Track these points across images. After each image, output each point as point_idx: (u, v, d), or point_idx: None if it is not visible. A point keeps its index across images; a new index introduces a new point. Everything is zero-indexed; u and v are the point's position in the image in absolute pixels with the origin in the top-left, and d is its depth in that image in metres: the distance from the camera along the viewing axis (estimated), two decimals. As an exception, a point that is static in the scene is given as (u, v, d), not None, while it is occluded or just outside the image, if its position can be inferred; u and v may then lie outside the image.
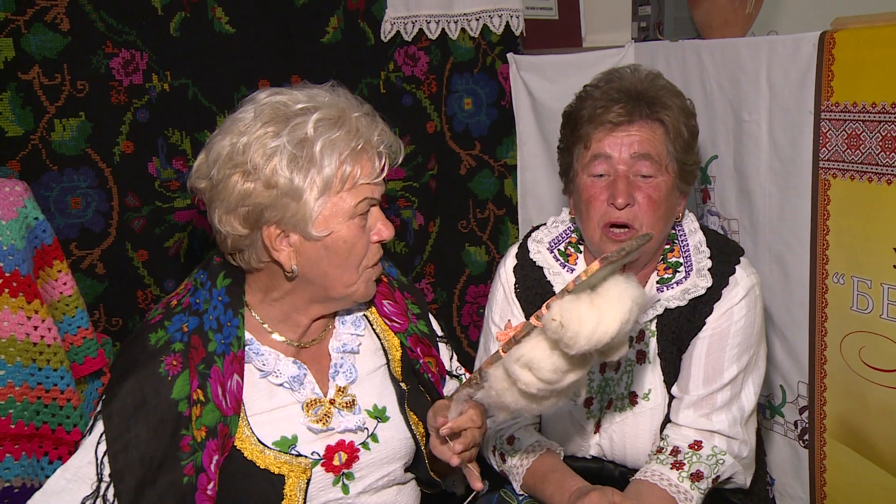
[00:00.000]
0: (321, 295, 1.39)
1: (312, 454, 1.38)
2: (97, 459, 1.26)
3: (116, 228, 2.11)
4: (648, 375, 1.63)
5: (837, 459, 1.81)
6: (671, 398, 1.62)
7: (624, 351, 1.25)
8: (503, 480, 1.69)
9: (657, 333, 1.62)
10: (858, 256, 1.68)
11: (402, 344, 1.53)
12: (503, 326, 1.70)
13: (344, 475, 1.41)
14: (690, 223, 1.67)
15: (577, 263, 1.70)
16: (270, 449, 1.35)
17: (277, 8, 2.18)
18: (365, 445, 1.43)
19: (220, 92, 2.15)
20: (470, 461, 1.37)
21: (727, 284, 1.58)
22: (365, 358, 1.49)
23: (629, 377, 1.64)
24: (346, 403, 1.43)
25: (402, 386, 1.50)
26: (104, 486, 1.25)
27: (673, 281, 1.61)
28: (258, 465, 1.34)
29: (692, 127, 1.61)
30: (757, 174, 1.91)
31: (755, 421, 1.63)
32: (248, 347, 1.38)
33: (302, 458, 1.37)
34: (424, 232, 2.46)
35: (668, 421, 1.61)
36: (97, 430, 1.27)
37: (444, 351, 1.64)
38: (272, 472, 1.34)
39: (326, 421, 1.39)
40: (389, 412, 1.47)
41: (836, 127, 1.69)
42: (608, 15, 2.71)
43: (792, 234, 1.84)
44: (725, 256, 1.61)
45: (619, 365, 1.65)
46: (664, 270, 1.63)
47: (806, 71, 1.73)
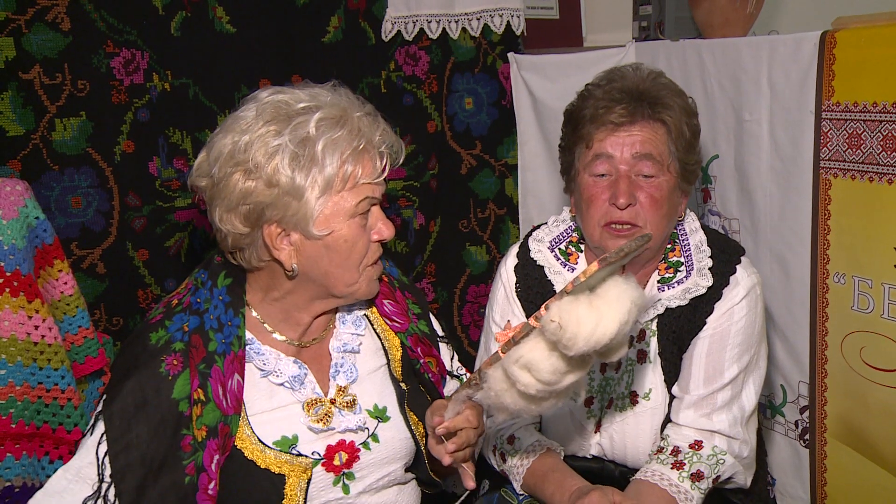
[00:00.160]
0: (322, 292, 1.39)
1: (313, 454, 1.38)
2: (98, 460, 1.26)
3: (117, 228, 2.11)
4: (649, 375, 1.63)
5: (838, 459, 1.81)
6: (672, 398, 1.62)
7: (623, 352, 1.25)
8: (504, 480, 1.69)
9: (658, 333, 1.62)
10: (859, 256, 1.68)
11: (402, 344, 1.53)
12: (504, 326, 1.71)
13: (344, 475, 1.41)
14: (691, 222, 1.67)
15: (577, 262, 1.70)
16: (271, 448, 1.35)
17: (278, 7, 2.18)
18: (365, 445, 1.43)
19: (220, 91, 2.15)
20: (464, 461, 1.36)
21: (728, 284, 1.58)
22: (365, 357, 1.49)
23: (630, 377, 1.64)
24: (346, 403, 1.43)
25: (402, 386, 1.50)
26: (105, 486, 1.25)
27: (674, 280, 1.61)
28: (258, 464, 1.34)
29: (694, 126, 1.61)
30: (758, 174, 1.91)
31: (756, 421, 1.63)
32: (248, 347, 1.38)
33: (302, 457, 1.36)
34: (425, 231, 2.46)
35: (668, 421, 1.61)
36: (98, 430, 1.27)
37: (444, 351, 1.63)
38: (272, 471, 1.34)
39: (327, 420, 1.39)
40: (390, 412, 1.47)
41: (836, 126, 1.69)
42: (609, 14, 2.70)
43: (793, 233, 1.83)
44: (726, 256, 1.61)
45: (619, 364, 1.65)
46: (665, 270, 1.63)
47: (807, 70, 1.73)
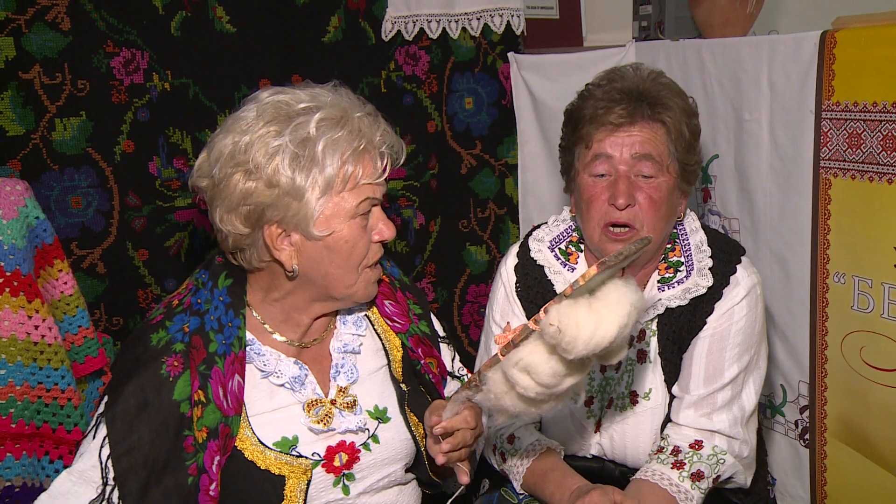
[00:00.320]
0: (322, 294, 1.38)
1: (313, 455, 1.38)
2: (101, 462, 1.26)
3: (117, 228, 2.11)
4: (649, 375, 1.63)
5: (838, 459, 1.81)
6: (672, 398, 1.62)
7: (623, 355, 1.24)
8: (504, 479, 1.69)
9: (658, 333, 1.62)
10: (859, 256, 1.68)
11: (403, 344, 1.52)
12: (504, 326, 1.71)
13: (344, 476, 1.41)
14: (691, 222, 1.67)
15: (577, 262, 1.70)
16: (271, 449, 1.35)
17: (278, 7, 2.17)
18: (366, 446, 1.43)
19: (220, 91, 2.15)
20: (459, 461, 1.36)
21: (728, 284, 1.58)
22: (366, 358, 1.49)
23: (630, 376, 1.64)
24: (347, 404, 1.43)
25: (402, 387, 1.50)
26: (109, 489, 1.25)
27: (674, 280, 1.61)
28: (259, 465, 1.33)
29: (694, 127, 1.61)
30: (758, 173, 1.91)
31: (756, 421, 1.63)
32: (249, 348, 1.38)
33: (302, 458, 1.36)
34: (425, 231, 2.46)
35: (668, 420, 1.61)
36: (100, 432, 1.27)
37: (445, 351, 1.63)
38: (272, 472, 1.34)
39: (327, 421, 1.39)
40: (390, 413, 1.47)
41: (836, 126, 1.69)
42: (609, 14, 2.70)
43: (793, 233, 1.83)
44: (726, 256, 1.61)
45: (619, 364, 1.65)
46: (665, 270, 1.63)
47: (807, 70, 1.73)
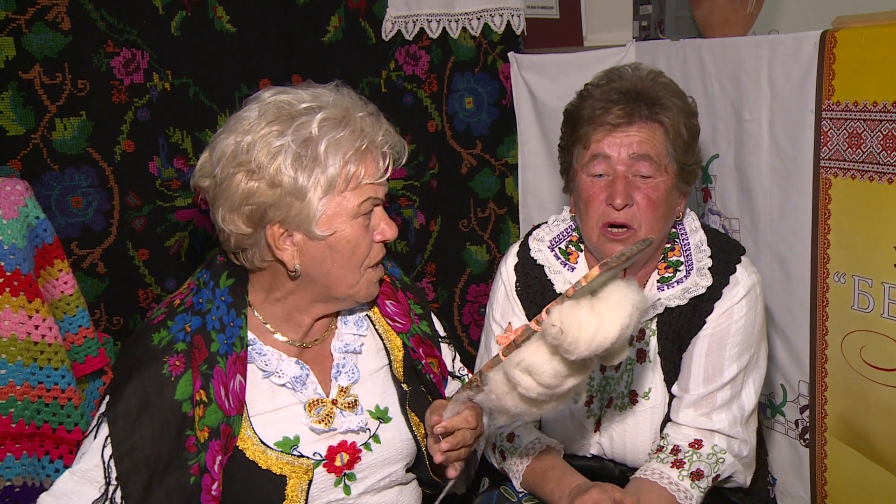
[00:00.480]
0: (323, 294, 1.38)
1: (314, 455, 1.38)
2: (104, 462, 1.26)
3: (117, 227, 2.11)
4: (649, 374, 1.63)
5: (838, 458, 1.81)
6: (671, 397, 1.62)
7: (624, 355, 1.25)
8: (503, 478, 1.69)
9: (657, 332, 1.62)
10: (859, 255, 1.68)
11: (404, 344, 1.52)
12: (504, 325, 1.71)
13: (346, 476, 1.40)
14: (691, 222, 1.67)
15: (577, 262, 1.70)
16: (272, 449, 1.35)
17: (278, 7, 2.17)
18: (367, 446, 1.43)
19: (220, 91, 2.15)
20: (458, 461, 1.36)
21: (728, 283, 1.58)
22: (367, 358, 1.49)
23: (629, 376, 1.65)
24: (348, 404, 1.43)
25: (403, 387, 1.50)
26: (112, 488, 1.25)
27: (673, 280, 1.61)
28: (260, 465, 1.33)
29: (692, 127, 1.60)
30: (758, 173, 1.91)
31: (756, 420, 1.64)
32: (250, 347, 1.38)
33: (304, 458, 1.36)
34: (425, 231, 2.46)
35: (668, 420, 1.61)
36: (102, 432, 1.27)
37: (446, 351, 1.63)
38: (274, 472, 1.34)
39: (329, 421, 1.39)
40: (391, 413, 1.47)
41: (837, 126, 1.69)
42: (609, 14, 2.70)
43: (793, 233, 1.83)
44: (726, 255, 1.61)
45: (619, 364, 1.65)
46: (665, 269, 1.63)
47: (807, 70, 1.73)
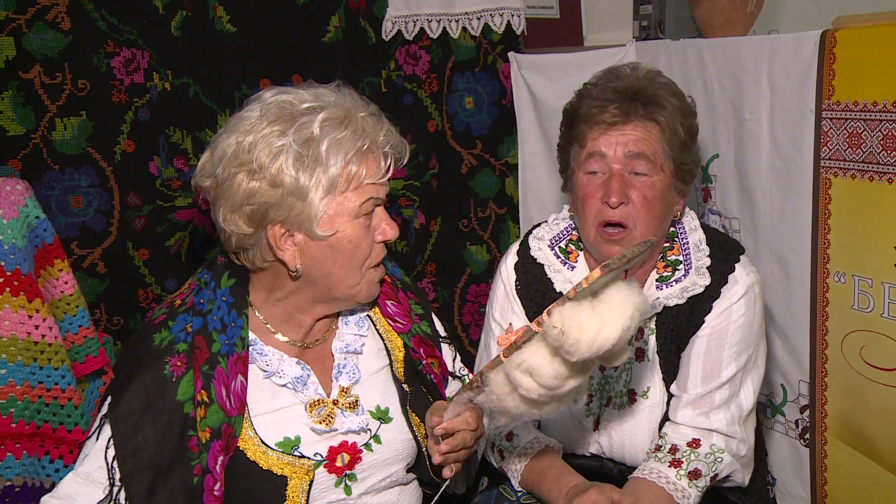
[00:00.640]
0: (325, 295, 1.38)
1: (315, 455, 1.38)
2: (107, 464, 1.26)
3: (117, 227, 2.10)
4: (647, 373, 1.63)
5: (838, 458, 1.81)
6: (670, 396, 1.62)
7: (625, 357, 1.25)
8: (502, 477, 1.69)
9: (656, 331, 1.62)
10: (859, 255, 1.68)
11: (405, 345, 1.52)
12: (504, 324, 1.71)
13: (346, 476, 1.40)
14: (691, 221, 1.67)
15: (577, 261, 1.70)
16: (273, 450, 1.35)
17: (278, 7, 2.17)
18: (367, 447, 1.43)
19: (221, 91, 2.15)
20: (457, 462, 1.36)
21: (726, 283, 1.58)
22: (368, 358, 1.49)
23: (628, 375, 1.65)
24: (349, 404, 1.43)
25: (404, 387, 1.50)
26: (116, 489, 1.25)
27: (672, 279, 1.61)
28: (261, 465, 1.33)
29: (689, 126, 1.60)
30: (758, 173, 1.91)
31: (754, 420, 1.64)
32: (251, 348, 1.38)
33: (305, 459, 1.36)
34: (425, 231, 2.46)
35: (667, 419, 1.61)
36: (105, 433, 1.27)
37: (447, 352, 1.63)
38: (275, 473, 1.34)
39: (330, 422, 1.39)
40: (392, 413, 1.47)
41: (837, 126, 1.69)
42: (609, 14, 2.70)
43: (793, 232, 1.83)
44: (725, 255, 1.61)
45: (618, 363, 1.65)
46: (663, 269, 1.63)
47: (807, 70, 1.73)
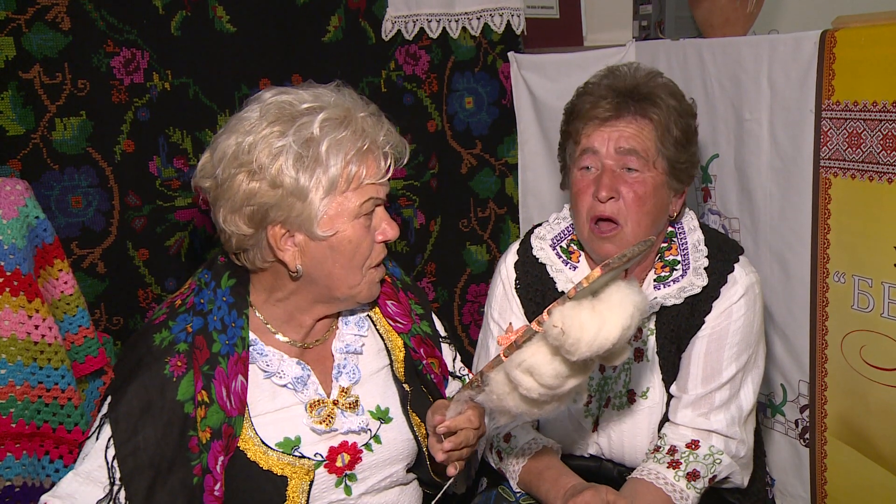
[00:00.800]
0: (325, 295, 1.38)
1: (315, 455, 1.38)
2: (108, 463, 1.26)
3: (117, 227, 2.10)
4: (647, 374, 1.63)
5: (838, 458, 1.81)
6: (670, 397, 1.62)
7: (625, 356, 1.25)
8: (501, 478, 1.69)
9: (656, 331, 1.62)
10: (859, 255, 1.68)
11: (405, 345, 1.52)
12: (502, 323, 1.71)
13: (346, 476, 1.40)
14: (690, 221, 1.67)
15: (579, 261, 1.70)
16: (273, 450, 1.35)
17: (278, 7, 2.17)
18: (368, 447, 1.43)
19: (221, 91, 2.14)
20: (459, 460, 1.36)
21: (726, 283, 1.58)
22: (368, 358, 1.49)
23: (627, 375, 1.65)
24: (349, 404, 1.43)
25: (404, 387, 1.50)
26: (116, 488, 1.25)
27: (670, 279, 1.61)
28: (261, 466, 1.33)
29: (686, 126, 1.60)
30: (758, 173, 1.91)
31: (754, 420, 1.64)
32: (252, 348, 1.38)
33: (305, 459, 1.36)
34: (425, 231, 2.46)
35: (666, 419, 1.61)
36: (105, 433, 1.27)
37: (447, 352, 1.63)
38: (275, 473, 1.34)
39: (330, 422, 1.39)
40: (392, 413, 1.47)
41: (836, 126, 1.69)
42: (609, 14, 2.70)
43: (793, 232, 1.83)
44: (724, 255, 1.61)
45: (617, 363, 1.65)
46: (661, 269, 1.63)
47: (807, 70, 1.73)
